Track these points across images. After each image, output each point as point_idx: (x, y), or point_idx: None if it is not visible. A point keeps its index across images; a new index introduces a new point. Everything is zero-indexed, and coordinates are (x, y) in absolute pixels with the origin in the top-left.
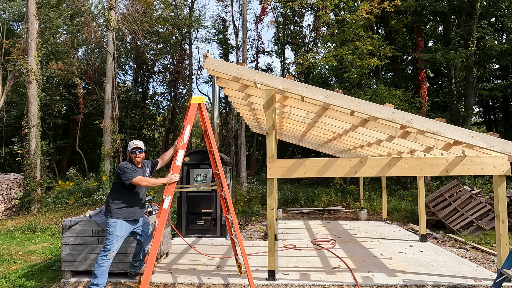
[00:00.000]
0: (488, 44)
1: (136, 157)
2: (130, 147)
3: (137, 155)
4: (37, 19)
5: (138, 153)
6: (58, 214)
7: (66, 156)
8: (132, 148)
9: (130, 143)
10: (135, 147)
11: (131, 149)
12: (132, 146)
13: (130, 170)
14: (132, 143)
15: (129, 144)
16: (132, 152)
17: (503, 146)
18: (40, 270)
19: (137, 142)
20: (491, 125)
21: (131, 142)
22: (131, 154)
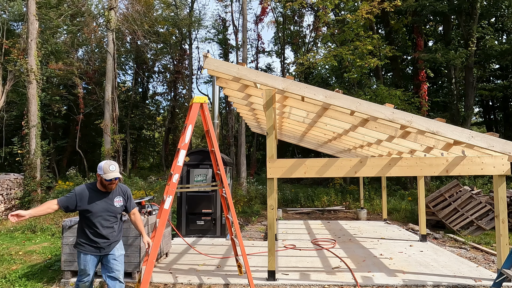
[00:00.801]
0: (488, 44)
1: (111, 184)
2: (104, 173)
3: (113, 182)
4: (37, 19)
5: (114, 180)
6: (58, 214)
7: (66, 156)
8: (107, 177)
9: (104, 168)
10: (113, 178)
11: (107, 178)
12: (107, 175)
13: (69, 195)
14: (107, 169)
15: (103, 168)
16: (108, 180)
17: (503, 146)
18: (40, 270)
19: (113, 168)
20: (491, 125)
21: (106, 166)
22: (105, 181)
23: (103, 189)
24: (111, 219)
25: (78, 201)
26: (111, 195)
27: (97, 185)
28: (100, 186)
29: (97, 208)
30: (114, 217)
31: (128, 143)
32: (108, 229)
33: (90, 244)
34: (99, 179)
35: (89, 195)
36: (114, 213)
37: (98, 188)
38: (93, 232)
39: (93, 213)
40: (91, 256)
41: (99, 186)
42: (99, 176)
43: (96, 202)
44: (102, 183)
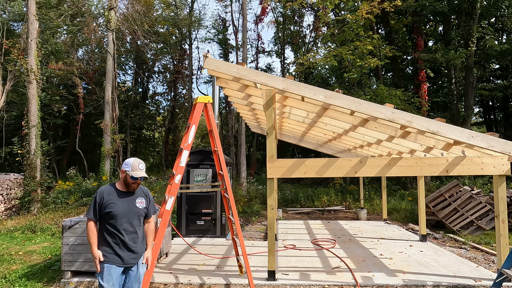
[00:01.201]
0: (488, 44)
1: (135, 184)
2: (132, 170)
3: (138, 182)
4: (37, 19)
5: (139, 180)
6: (58, 214)
7: (66, 156)
8: (134, 175)
9: (133, 165)
10: (140, 176)
11: (134, 175)
12: (136, 172)
13: (91, 203)
14: (136, 166)
15: (131, 164)
16: (134, 178)
17: (503, 146)
18: (40, 270)
19: (142, 167)
20: (491, 125)
21: (135, 163)
22: (131, 179)
23: (125, 188)
24: (134, 222)
25: (100, 203)
26: (134, 195)
27: (118, 185)
28: (122, 185)
29: (119, 209)
30: (137, 219)
31: (128, 143)
32: (132, 234)
33: (114, 253)
34: (123, 176)
35: (110, 195)
36: (137, 215)
37: (119, 188)
38: (116, 239)
39: (115, 215)
40: (116, 268)
41: (120, 186)
42: (124, 172)
43: (117, 202)
44: (126, 181)
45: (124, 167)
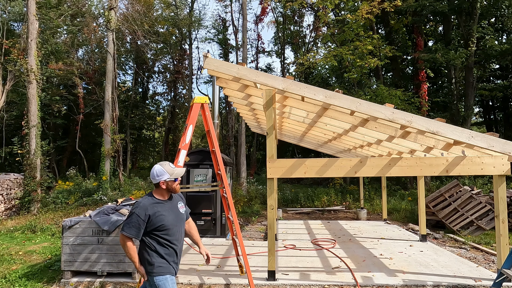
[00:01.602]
0: (488, 44)
1: (176, 184)
2: (170, 174)
3: (179, 182)
4: (37, 19)
5: (180, 178)
6: (58, 214)
7: (66, 156)
8: (177, 175)
9: (168, 169)
10: (181, 174)
11: (178, 175)
12: (176, 172)
13: (132, 220)
14: (170, 168)
15: (166, 170)
16: (175, 180)
17: (503, 146)
18: (40, 270)
19: (173, 165)
20: (491, 125)
21: (168, 167)
22: (174, 181)
23: (165, 196)
24: (182, 229)
25: (147, 218)
26: (174, 201)
27: (157, 195)
28: (163, 194)
29: (169, 220)
30: (183, 225)
31: (128, 143)
32: (182, 241)
33: (169, 263)
34: (164, 186)
35: (155, 207)
36: (183, 221)
37: (159, 198)
38: (169, 249)
39: (167, 226)
40: (171, 277)
41: (160, 195)
42: (164, 183)
43: (165, 213)
44: (169, 188)
45: (159, 177)
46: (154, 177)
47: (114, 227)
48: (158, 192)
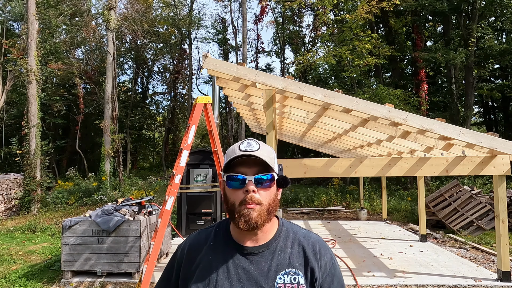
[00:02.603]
0: (487, 44)
1: (249, 198)
2: (227, 157)
3: (251, 185)
4: (36, 19)
5: (251, 185)
6: (58, 214)
7: (66, 156)
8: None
9: (229, 152)
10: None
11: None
12: (237, 151)
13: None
14: (234, 149)
15: (227, 152)
16: (233, 183)
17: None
18: (40, 270)
19: (251, 146)
20: (491, 125)
21: (233, 147)
22: (233, 187)
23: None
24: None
25: (179, 275)
26: (267, 258)
27: (232, 229)
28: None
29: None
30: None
31: (128, 143)
32: None
33: None
34: (221, 187)
35: (205, 258)
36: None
37: (234, 238)
38: None
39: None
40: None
41: (235, 232)
42: (222, 183)
43: (221, 279)
44: (228, 202)
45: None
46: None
47: (114, 227)
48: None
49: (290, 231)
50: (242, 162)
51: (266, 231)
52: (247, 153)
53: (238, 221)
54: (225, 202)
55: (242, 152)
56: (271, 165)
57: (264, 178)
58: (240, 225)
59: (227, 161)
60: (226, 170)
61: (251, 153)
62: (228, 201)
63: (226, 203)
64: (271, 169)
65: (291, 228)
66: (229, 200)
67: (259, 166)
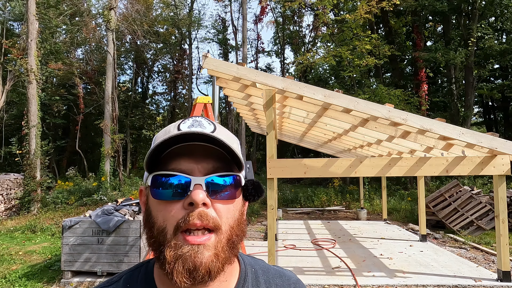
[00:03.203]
0: (487, 44)
1: (194, 216)
2: (156, 140)
3: (197, 198)
4: (37, 19)
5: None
6: (58, 214)
7: (66, 156)
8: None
9: (158, 136)
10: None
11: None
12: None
13: None
14: (168, 130)
15: (156, 137)
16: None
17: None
18: (40, 270)
19: (198, 123)
20: (491, 125)
21: (164, 131)
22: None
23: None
24: None
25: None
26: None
27: (158, 280)
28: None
29: None
30: None
31: (128, 143)
32: None
33: None
34: (143, 200)
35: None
36: None
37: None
38: None
39: None
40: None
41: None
42: (142, 194)
43: None
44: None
45: (145, 178)
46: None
47: (114, 227)
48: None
49: (258, 271)
50: (182, 151)
51: (224, 278)
52: (194, 131)
53: (173, 270)
54: (147, 227)
55: (185, 131)
56: (238, 158)
57: (222, 183)
58: (176, 277)
59: (153, 149)
60: (152, 168)
61: (201, 131)
62: (153, 225)
63: (149, 230)
64: (234, 167)
65: (258, 265)
66: (155, 223)
67: (214, 161)
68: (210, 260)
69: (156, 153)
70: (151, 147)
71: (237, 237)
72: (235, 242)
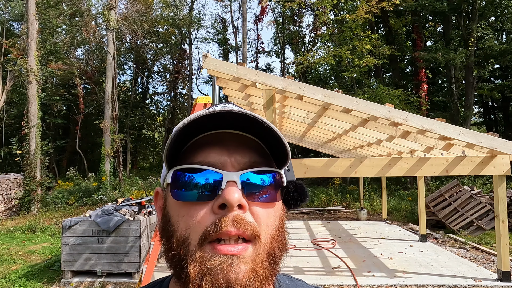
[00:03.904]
0: (487, 44)
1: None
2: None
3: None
4: (36, 19)
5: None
6: (58, 214)
7: (66, 156)
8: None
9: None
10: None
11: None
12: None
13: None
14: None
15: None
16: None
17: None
18: (40, 270)
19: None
20: (491, 125)
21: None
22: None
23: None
24: None
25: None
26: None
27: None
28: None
29: None
30: None
31: (128, 143)
32: None
33: None
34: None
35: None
36: None
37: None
38: None
39: None
40: None
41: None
42: (159, 196)
43: None
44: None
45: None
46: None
47: (114, 227)
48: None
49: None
50: (211, 140)
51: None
52: (232, 110)
53: (200, 286)
54: (165, 237)
55: (218, 109)
56: (283, 149)
57: (260, 182)
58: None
59: (176, 135)
60: (172, 162)
61: (241, 110)
62: (172, 234)
63: (167, 241)
64: (273, 163)
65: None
66: (174, 231)
67: (250, 153)
68: (246, 276)
69: (177, 144)
70: (172, 134)
71: (279, 250)
72: (277, 257)
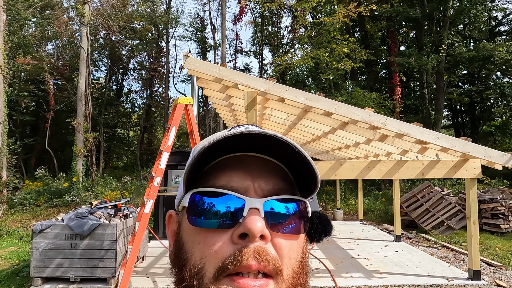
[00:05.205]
0: (457, 50)
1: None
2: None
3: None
4: (4, 10)
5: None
6: (26, 216)
7: (34, 155)
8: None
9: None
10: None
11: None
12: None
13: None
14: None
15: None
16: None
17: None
18: (7, 276)
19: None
20: (458, 128)
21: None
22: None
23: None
24: None
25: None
26: None
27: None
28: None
29: None
30: None
31: (101, 142)
32: None
33: None
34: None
35: None
36: None
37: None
38: None
39: None
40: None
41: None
42: (173, 220)
43: None
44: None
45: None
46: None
47: (89, 231)
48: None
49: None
50: (232, 163)
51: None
52: (256, 132)
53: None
54: (176, 266)
55: (243, 130)
56: (313, 175)
57: (284, 211)
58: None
59: (198, 156)
60: (190, 184)
61: (268, 133)
62: (184, 263)
63: (179, 270)
64: (296, 191)
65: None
66: (188, 260)
67: (274, 179)
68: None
69: (197, 166)
70: (195, 154)
71: (301, 287)
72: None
